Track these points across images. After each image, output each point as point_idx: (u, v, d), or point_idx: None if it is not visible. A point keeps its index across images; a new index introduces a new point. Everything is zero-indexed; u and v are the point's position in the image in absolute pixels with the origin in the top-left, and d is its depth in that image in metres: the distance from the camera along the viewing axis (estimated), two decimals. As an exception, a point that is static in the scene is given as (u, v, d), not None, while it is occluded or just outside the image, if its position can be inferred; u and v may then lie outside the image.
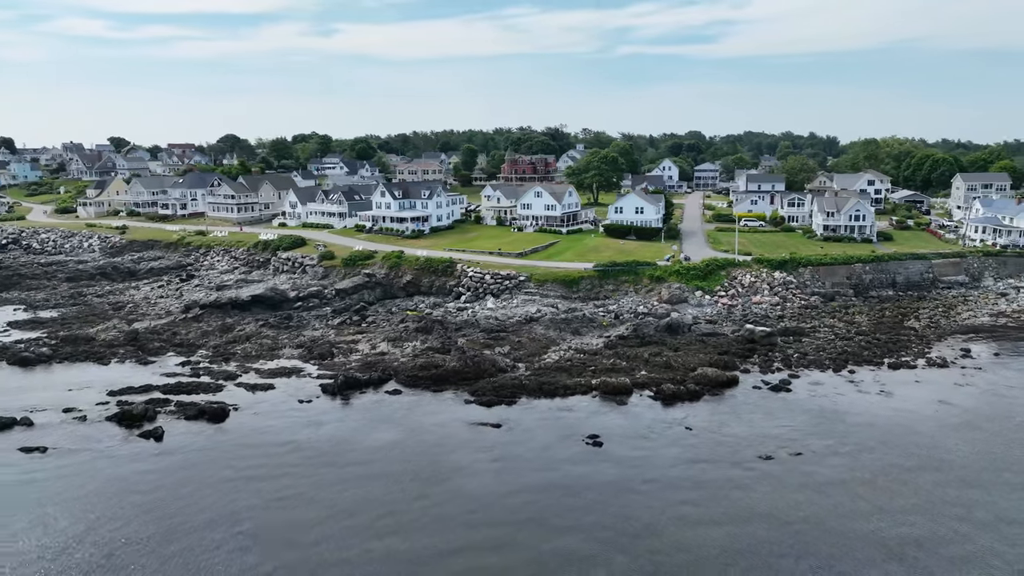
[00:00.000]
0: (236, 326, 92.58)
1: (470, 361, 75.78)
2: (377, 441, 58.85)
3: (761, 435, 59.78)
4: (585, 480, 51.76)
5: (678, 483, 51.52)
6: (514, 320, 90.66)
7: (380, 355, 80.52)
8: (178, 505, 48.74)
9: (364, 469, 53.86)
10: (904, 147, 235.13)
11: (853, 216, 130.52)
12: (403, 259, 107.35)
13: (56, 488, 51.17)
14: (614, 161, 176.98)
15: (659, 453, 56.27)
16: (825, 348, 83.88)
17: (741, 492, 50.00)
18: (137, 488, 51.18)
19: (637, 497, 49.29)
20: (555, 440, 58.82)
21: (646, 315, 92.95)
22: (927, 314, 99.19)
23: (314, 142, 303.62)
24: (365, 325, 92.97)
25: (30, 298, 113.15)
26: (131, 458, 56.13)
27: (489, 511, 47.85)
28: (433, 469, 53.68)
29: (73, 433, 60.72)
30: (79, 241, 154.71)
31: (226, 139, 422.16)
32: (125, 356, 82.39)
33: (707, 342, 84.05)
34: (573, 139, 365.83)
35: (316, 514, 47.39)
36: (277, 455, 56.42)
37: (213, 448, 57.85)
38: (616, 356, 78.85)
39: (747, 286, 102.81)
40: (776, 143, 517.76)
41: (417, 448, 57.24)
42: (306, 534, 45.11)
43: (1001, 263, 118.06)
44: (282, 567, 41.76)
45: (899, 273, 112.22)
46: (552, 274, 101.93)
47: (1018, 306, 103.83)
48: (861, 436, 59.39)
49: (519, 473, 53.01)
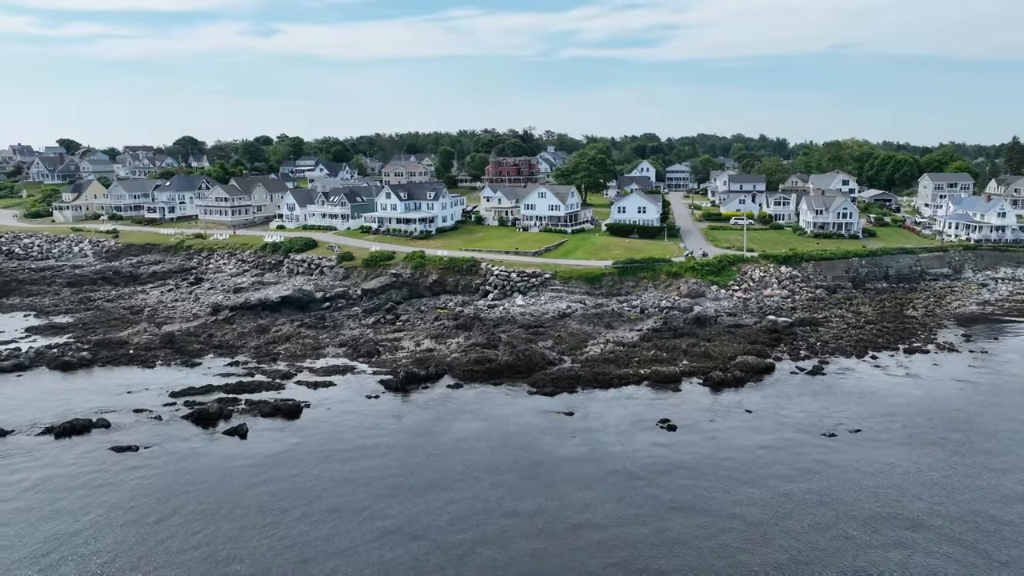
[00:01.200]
0: (271, 327, 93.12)
1: (521, 355, 78.63)
2: (462, 432, 61.18)
3: (815, 415, 64.52)
4: (680, 460, 55.37)
5: (765, 459, 55.61)
6: (549, 316, 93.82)
7: (428, 352, 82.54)
8: (297, 494, 50.25)
9: (462, 457, 56.20)
10: (864, 149, 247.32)
11: (840, 214, 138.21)
12: (427, 259, 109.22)
13: (168, 483, 51.99)
14: (602, 163, 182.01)
15: (732, 434, 60.34)
16: (842, 336, 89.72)
17: (827, 464, 54.48)
18: (250, 480, 52.44)
19: (741, 473, 53.13)
20: (629, 425, 62.29)
21: (670, 309, 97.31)
22: (922, 304, 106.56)
23: (285, 144, 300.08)
24: (400, 324, 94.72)
25: (37, 304, 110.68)
26: (226, 454, 57.14)
27: (608, 491, 50.86)
28: (529, 456, 56.42)
29: (155, 432, 61.19)
30: (68, 246, 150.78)
31: (182, 141, 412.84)
32: (168, 359, 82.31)
33: (735, 333, 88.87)
34: (540, 141, 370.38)
35: (441, 502, 49.54)
36: (370, 447, 58.22)
37: (304, 442, 59.26)
38: (655, 347, 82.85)
39: (757, 280, 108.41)
40: (729, 145, 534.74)
41: (502, 437, 59.81)
42: (437, 519, 47.29)
43: (979, 256, 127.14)
44: (436, 551, 43.92)
45: (891, 267, 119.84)
46: (575, 271, 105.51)
47: (999, 295, 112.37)
48: (905, 413, 64.74)
49: (612, 457, 56.17)
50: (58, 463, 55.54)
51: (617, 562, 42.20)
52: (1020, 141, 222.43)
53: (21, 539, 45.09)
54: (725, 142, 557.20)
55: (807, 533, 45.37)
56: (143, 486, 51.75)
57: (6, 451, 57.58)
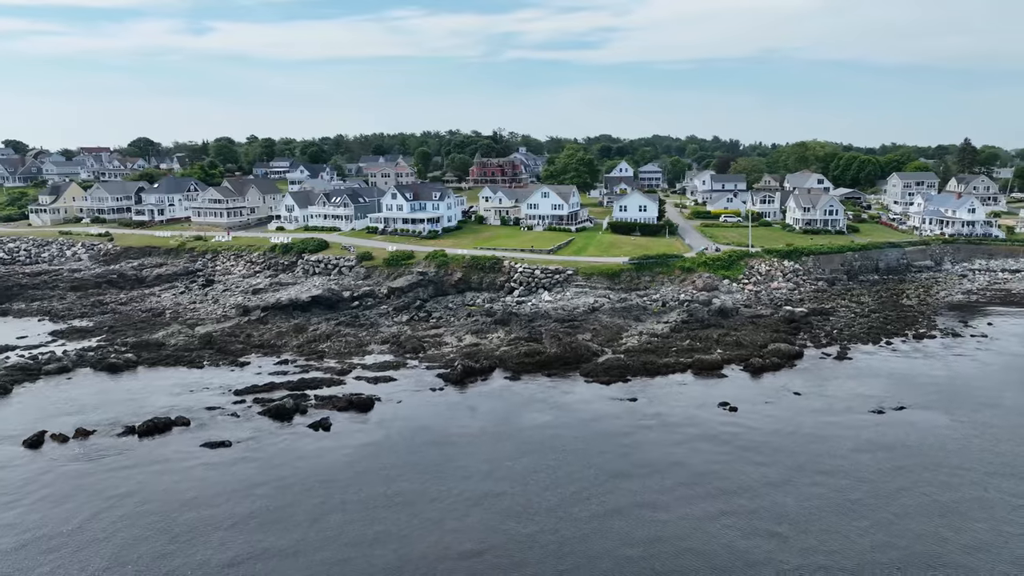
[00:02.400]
0: (308, 326, 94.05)
1: (567, 347, 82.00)
2: (536, 420, 64.09)
3: (857, 395, 69.84)
4: (757, 436, 59.70)
5: (833, 433, 60.62)
6: (580, 310, 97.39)
7: (473, 346, 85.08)
8: (420, 477, 52.41)
9: (552, 442, 59.14)
10: (827, 150, 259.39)
11: (827, 211, 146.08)
12: (449, 258, 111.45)
13: (280, 474, 53.42)
14: (590, 163, 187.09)
15: (791, 413, 65.06)
16: (853, 324, 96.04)
17: (889, 435, 59.67)
18: (364, 467, 54.34)
19: (821, 445, 57.95)
20: (694, 409, 66.35)
21: (689, 302, 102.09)
22: (913, 294, 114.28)
23: (257, 146, 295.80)
24: (434, 321, 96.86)
25: (47, 308, 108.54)
26: (320, 446, 58.72)
27: (720, 463, 54.62)
28: (615, 439, 59.81)
29: (239, 429, 62.22)
30: (58, 249, 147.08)
31: (138, 143, 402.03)
32: (215, 359, 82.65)
33: (757, 323, 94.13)
34: (510, 142, 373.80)
35: (549, 483, 52.47)
36: (459, 435, 60.62)
37: (392, 433, 61.23)
38: (689, 338, 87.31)
39: (764, 274, 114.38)
40: (684, 146, 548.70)
41: (581, 424, 62.95)
42: (547, 501, 50.21)
43: (956, 249, 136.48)
44: (558, 528, 46.85)
45: (880, 260, 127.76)
46: (595, 268, 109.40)
47: (979, 285, 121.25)
48: (936, 391, 70.69)
49: (694, 437, 60.02)
50: (159, 459, 56.24)
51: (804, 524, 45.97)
52: (971, 142, 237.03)
53: (178, 526, 46.11)
54: (680, 143, 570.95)
55: (924, 484, 51.93)
56: (256, 477, 53.05)
57: (99, 450, 57.89)
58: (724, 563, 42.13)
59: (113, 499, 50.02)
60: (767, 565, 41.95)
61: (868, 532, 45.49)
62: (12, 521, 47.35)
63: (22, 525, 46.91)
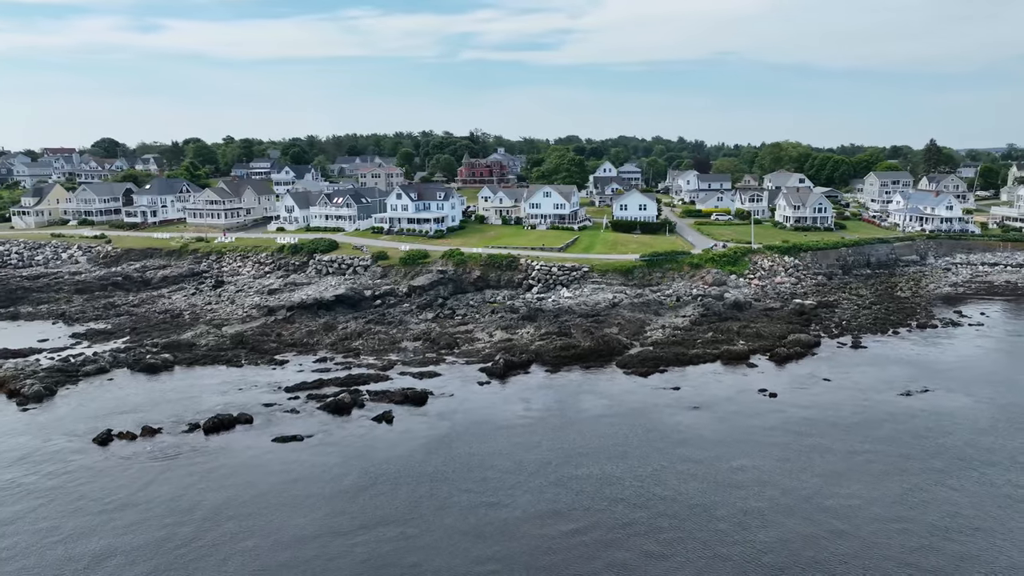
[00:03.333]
0: (337, 324, 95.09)
1: (600, 340, 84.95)
2: (591, 411, 66.66)
3: (882, 380, 74.29)
4: (808, 416, 63.53)
5: (875, 412, 65.13)
6: (602, 306, 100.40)
7: (506, 341, 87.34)
8: (488, 467, 54.54)
9: (614, 429, 61.89)
10: (800, 150, 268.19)
11: (816, 209, 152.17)
12: (467, 256, 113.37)
13: (363, 464, 55.00)
14: (581, 163, 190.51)
15: (828, 397, 69.13)
16: (859, 316, 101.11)
17: (923, 412, 64.09)
18: (439, 456, 56.22)
19: (869, 422, 61.91)
20: (736, 394, 69.92)
21: (702, 296, 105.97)
22: (906, 287, 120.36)
23: (235, 147, 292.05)
24: (459, 318, 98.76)
25: (61, 311, 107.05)
26: (389, 438, 60.41)
27: (771, 445, 57.97)
28: (669, 424, 62.86)
29: (304, 423, 63.44)
30: (53, 252, 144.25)
31: (102, 143, 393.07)
32: (252, 358, 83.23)
33: (771, 315, 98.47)
34: (488, 143, 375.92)
35: (627, 467, 55.18)
36: (523, 425, 62.92)
37: (455, 423, 63.17)
38: (711, 330, 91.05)
39: (767, 269, 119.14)
40: (651, 147, 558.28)
41: (633, 412, 65.74)
42: (629, 482, 52.92)
43: (939, 245, 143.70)
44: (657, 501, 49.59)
45: (871, 255, 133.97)
46: (609, 264, 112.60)
47: (963, 278, 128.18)
48: (953, 375, 75.61)
49: (746, 417, 63.49)
50: (236, 453, 57.25)
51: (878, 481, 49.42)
52: (935, 143, 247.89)
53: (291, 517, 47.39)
54: (647, 144, 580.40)
55: (970, 443, 58.06)
56: (339, 468, 54.54)
57: (172, 446, 58.61)
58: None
59: (212, 489, 51.03)
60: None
61: (955, 488, 49.47)
62: (137, 519, 47.98)
63: (147, 521, 47.67)
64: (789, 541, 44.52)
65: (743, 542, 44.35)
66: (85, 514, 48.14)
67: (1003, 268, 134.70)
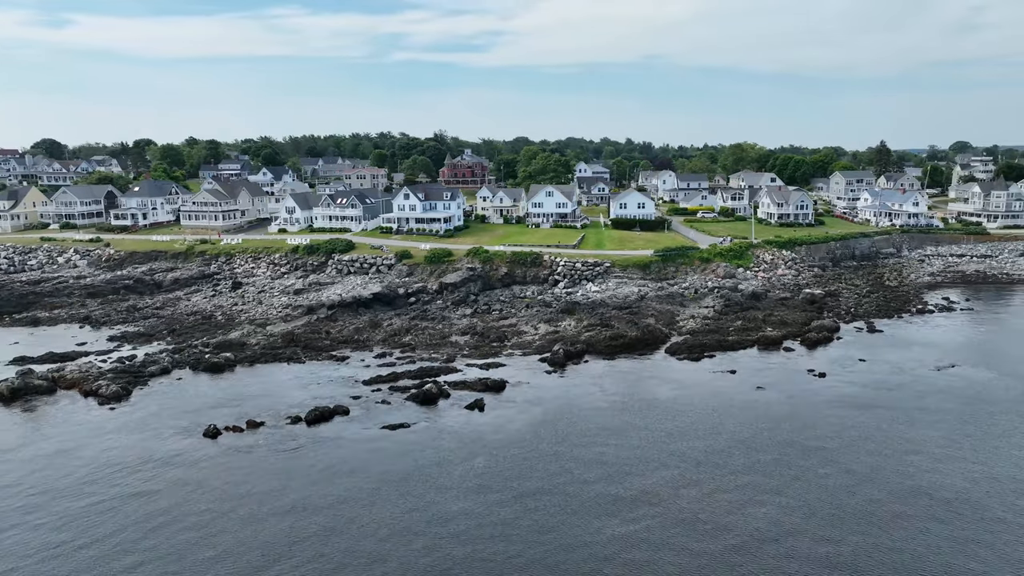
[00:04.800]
0: (382, 321, 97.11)
1: (645, 330, 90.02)
2: (667, 392, 71.53)
3: (910, 358, 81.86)
4: (863, 393, 69.95)
5: (919, 384, 72.82)
6: (631, 298, 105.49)
7: (553, 333, 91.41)
8: (600, 444, 58.54)
9: (688, 410, 66.79)
10: (761, 152, 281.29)
11: (799, 206, 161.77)
12: (492, 254, 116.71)
13: (478, 448, 58.14)
14: (567, 164, 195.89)
15: (868, 375, 75.99)
16: (862, 303, 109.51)
17: (961, 384, 71.54)
18: (547, 436, 59.92)
19: (920, 394, 68.87)
20: (789, 375, 76.03)
21: (718, 288, 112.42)
22: (892, 277, 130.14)
23: (201, 148, 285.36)
24: (497, 313, 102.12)
25: (85, 315, 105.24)
26: (491, 423, 63.63)
27: (844, 416, 63.83)
28: (748, 404, 68.24)
29: (399, 412, 66.03)
30: (47, 256, 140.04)
31: (43, 144, 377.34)
32: (310, 355, 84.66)
33: (787, 304, 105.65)
34: (452, 144, 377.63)
35: (725, 444, 60.09)
36: (609, 408, 67.16)
37: (547, 409, 66.83)
38: (740, 319, 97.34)
39: (768, 262, 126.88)
40: (600, 148, 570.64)
41: (708, 396, 70.65)
42: (745, 446, 57.85)
43: (911, 238, 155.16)
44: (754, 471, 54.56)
45: (856, 248, 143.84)
46: (628, 260, 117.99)
47: (938, 268, 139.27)
48: (969, 352, 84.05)
49: (815, 396, 69.42)
50: (351, 440, 59.44)
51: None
52: (886, 144, 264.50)
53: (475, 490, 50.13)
54: (596, 145, 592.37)
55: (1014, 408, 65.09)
56: (460, 451, 57.55)
57: (284, 437, 60.35)
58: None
59: (358, 472, 53.27)
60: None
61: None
62: (293, 503, 49.84)
63: (319, 506, 49.59)
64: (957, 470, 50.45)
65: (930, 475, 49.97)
66: (250, 502, 49.74)
67: (969, 259, 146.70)
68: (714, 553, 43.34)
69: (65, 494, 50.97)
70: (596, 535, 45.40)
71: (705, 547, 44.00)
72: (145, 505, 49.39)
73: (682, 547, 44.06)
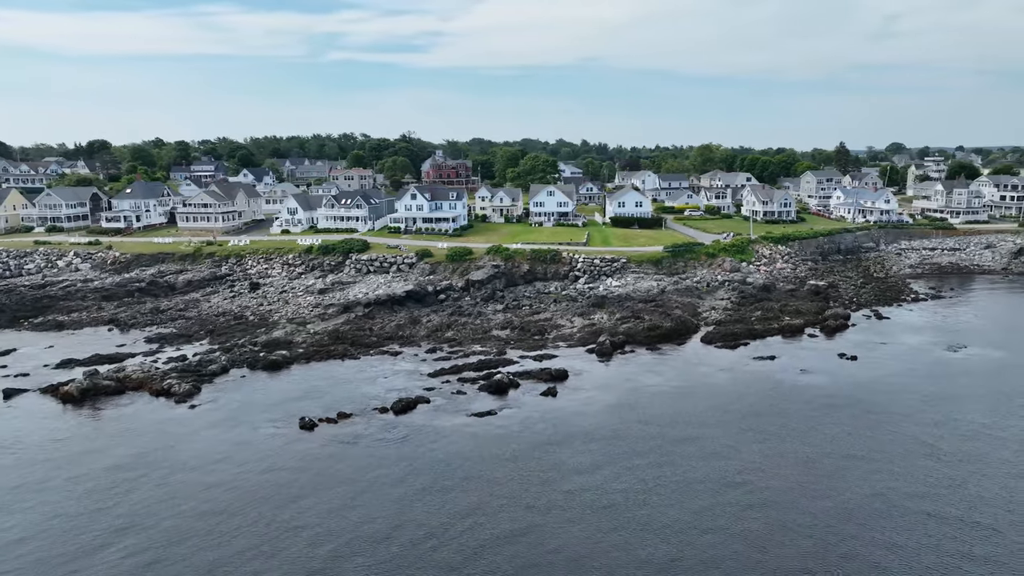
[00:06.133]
0: (421, 318, 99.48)
1: (679, 321, 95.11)
2: (721, 376, 76.54)
3: (924, 341, 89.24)
4: (898, 371, 76.20)
5: (944, 364, 79.06)
6: (653, 292, 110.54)
7: (590, 325, 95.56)
8: (686, 424, 62.91)
9: (742, 393, 71.90)
10: (727, 152, 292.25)
11: (783, 203, 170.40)
12: (514, 251, 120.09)
13: (574, 430, 61.77)
14: (553, 164, 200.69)
15: (895, 356, 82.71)
16: (861, 293, 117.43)
17: (978, 362, 78.46)
18: (633, 419, 63.97)
19: (946, 376, 75.29)
20: (823, 359, 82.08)
21: (728, 282, 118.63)
22: (877, 269, 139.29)
23: (171, 149, 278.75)
24: (528, 308, 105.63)
25: (111, 318, 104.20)
26: (571, 407, 67.26)
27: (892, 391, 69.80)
28: (801, 386, 73.74)
29: (478, 401, 69.15)
30: (45, 260, 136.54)
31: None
32: (360, 351, 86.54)
33: (795, 295, 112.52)
34: (420, 143, 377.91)
35: (809, 417, 65.24)
36: (672, 393, 71.60)
37: (616, 393, 70.84)
38: (758, 309, 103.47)
39: (767, 257, 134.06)
40: (557, 149, 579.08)
41: (754, 377, 76.08)
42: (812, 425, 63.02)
43: (887, 233, 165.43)
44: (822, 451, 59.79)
45: (841, 243, 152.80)
46: (640, 256, 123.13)
47: (914, 261, 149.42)
48: (973, 335, 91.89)
49: (855, 377, 75.38)
50: (453, 427, 62.27)
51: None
52: (845, 146, 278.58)
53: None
54: (552, 146, 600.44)
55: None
56: (555, 434, 61.03)
57: (387, 427, 62.67)
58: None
59: (463, 457, 56.13)
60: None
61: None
62: (428, 484, 52.39)
63: (436, 484, 52.20)
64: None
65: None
66: (387, 483, 52.23)
67: (941, 252, 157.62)
68: (833, 511, 48.25)
69: (219, 484, 52.41)
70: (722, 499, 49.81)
71: (821, 506, 48.82)
72: (287, 488, 51.32)
73: (805, 509, 48.80)
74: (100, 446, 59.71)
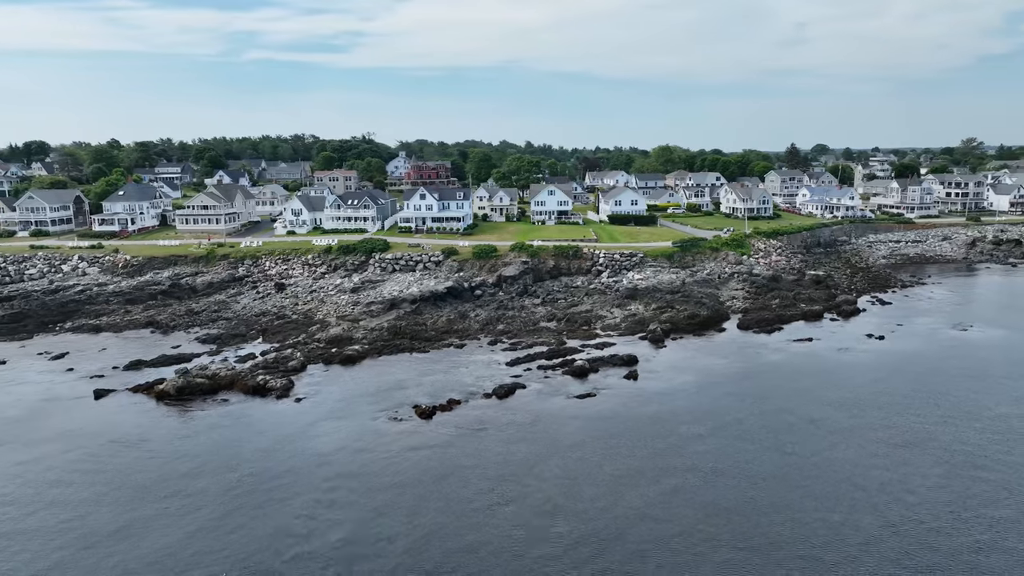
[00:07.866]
0: (469, 313, 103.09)
1: (713, 310, 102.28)
2: (776, 356, 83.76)
3: (933, 322, 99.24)
4: (929, 349, 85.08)
5: (962, 340, 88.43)
6: (675, 284, 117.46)
7: (631, 316, 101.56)
8: (773, 399, 69.38)
9: (792, 373, 79.25)
10: (687, 154, 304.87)
11: (762, 201, 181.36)
12: (538, 248, 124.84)
13: (679, 405, 67.29)
14: (538, 165, 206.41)
15: (915, 336, 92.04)
16: (854, 282, 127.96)
17: (990, 341, 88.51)
18: (720, 395, 70.07)
19: (968, 357, 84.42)
20: (855, 340, 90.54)
21: (735, 274, 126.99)
22: (858, 261, 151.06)
23: (133, 150, 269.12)
24: (564, 301, 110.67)
25: (148, 321, 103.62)
26: (658, 389, 72.81)
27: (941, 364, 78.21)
28: (846, 364, 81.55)
29: (568, 386, 73.84)
30: (47, 265, 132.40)
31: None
32: (426, 346, 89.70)
33: (800, 284, 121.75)
34: (380, 145, 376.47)
35: (877, 390, 72.69)
36: (741, 374, 78.10)
37: (693, 375, 76.85)
38: (776, 297, 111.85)
39: (762, 250, 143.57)
40: (503, 150, 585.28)
41: (804, 358, 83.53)
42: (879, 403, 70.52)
43: (855, 228, 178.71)
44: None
45: (820, 237, 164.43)
46: (653, 251, 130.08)
47: (885, 252, 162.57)
48: (972, 316, 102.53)
49: (891, 355, 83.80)
50: (564, 408, 66.78)
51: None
52: (796, 147, 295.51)
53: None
54: (498, 147, 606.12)
55: None
56: (664, 412, 66.42)
57: (507, 411, 66.60)
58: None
59: (594, 436, 60.72)
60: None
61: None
62: (581, 458, 56.54)
63: (602, 460, 56.51)
64: None
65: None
66: (535, 461, 56.17)
67: (905, 244, 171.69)
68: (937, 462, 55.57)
69: (373, 473, 55.11)
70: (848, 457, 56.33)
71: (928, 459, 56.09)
72: (442, 466, 54.70)
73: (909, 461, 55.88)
74: (231, 438, 61.28)
